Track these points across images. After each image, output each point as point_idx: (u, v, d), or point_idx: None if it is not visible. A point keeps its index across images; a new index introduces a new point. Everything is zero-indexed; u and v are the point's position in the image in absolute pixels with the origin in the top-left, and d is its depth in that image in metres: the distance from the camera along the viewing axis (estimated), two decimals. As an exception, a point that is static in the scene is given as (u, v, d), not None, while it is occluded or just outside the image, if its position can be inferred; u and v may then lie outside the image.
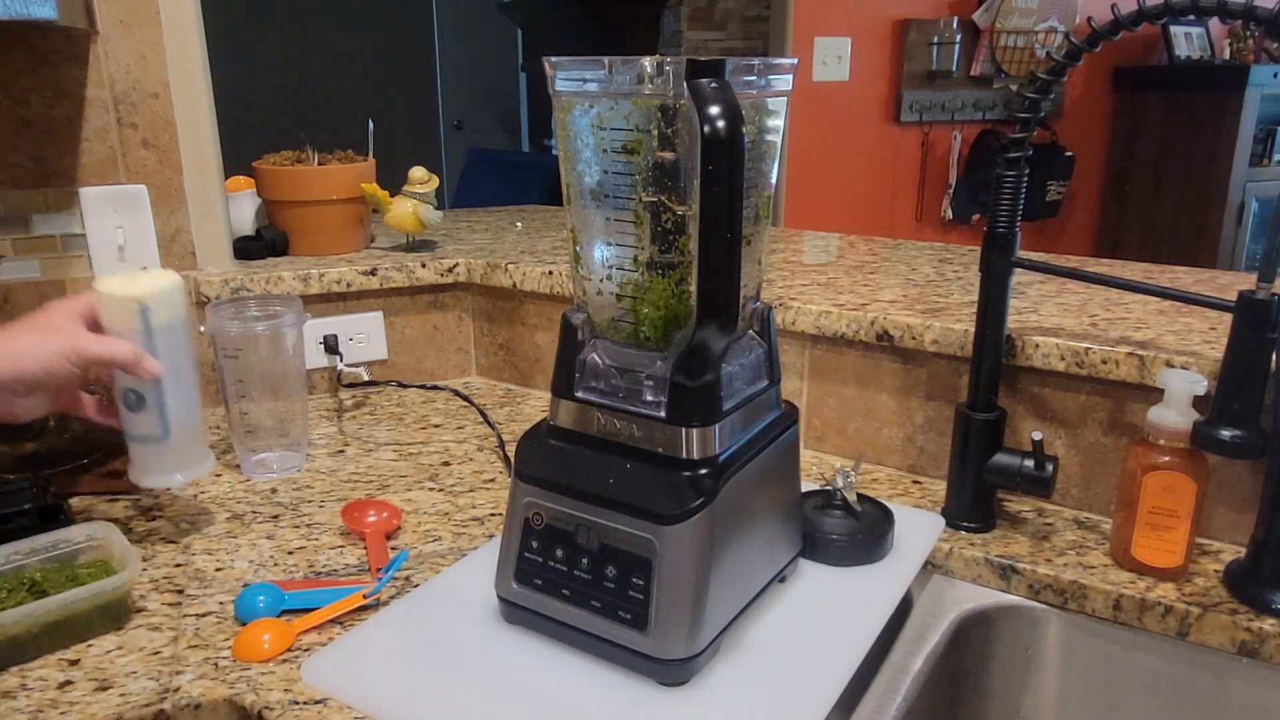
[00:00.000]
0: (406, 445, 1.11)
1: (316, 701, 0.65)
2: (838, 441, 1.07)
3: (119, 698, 0.65)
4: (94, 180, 1.11)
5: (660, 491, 0.63)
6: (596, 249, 0.67)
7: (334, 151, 1.36)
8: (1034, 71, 3.16)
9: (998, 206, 0.83)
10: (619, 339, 0.68)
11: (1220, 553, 0.85)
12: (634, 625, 0.64)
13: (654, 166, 0.62)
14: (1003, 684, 0.87)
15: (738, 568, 0.68)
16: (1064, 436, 0.93)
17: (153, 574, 0.82)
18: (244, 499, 0.97)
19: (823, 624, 0.72)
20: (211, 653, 0.71)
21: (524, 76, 5.02)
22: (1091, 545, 0.87)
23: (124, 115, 1.11)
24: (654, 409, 0.65)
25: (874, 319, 0.99)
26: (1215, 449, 0.74)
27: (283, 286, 1.21)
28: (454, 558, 0.85)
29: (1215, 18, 0.71)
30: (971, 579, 0.87)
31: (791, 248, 1.40)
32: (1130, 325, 0.95)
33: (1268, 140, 3.51)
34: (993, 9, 3.28)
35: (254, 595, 0.75)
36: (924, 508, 0.93)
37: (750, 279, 0.70)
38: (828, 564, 0.80)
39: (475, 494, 0.98)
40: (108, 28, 1.08)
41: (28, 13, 0.82)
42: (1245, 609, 0.77)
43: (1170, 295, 0.83)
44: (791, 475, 0.77)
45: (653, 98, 0.60)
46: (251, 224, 1.34)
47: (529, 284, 1.25)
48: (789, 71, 0.67)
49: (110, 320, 0.79)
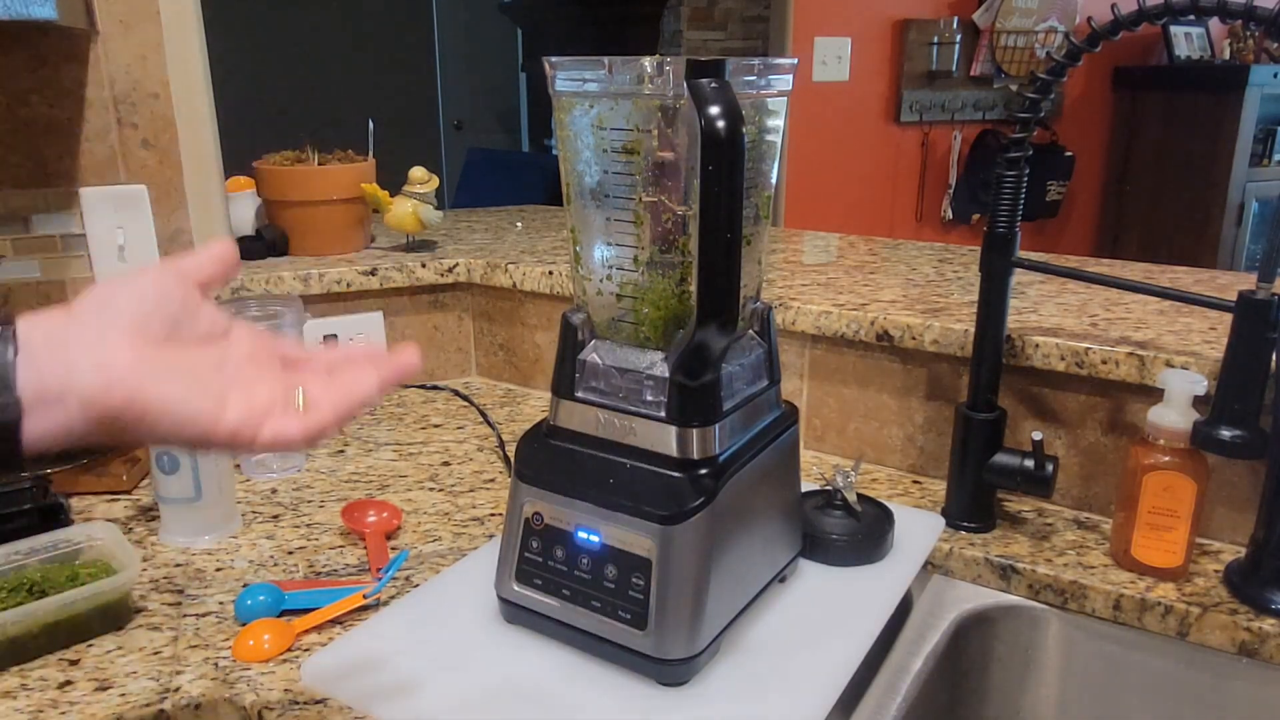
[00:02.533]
0: (406, 445, 1.11)
1: (316, 701, 0.65)
2: (838, 441, 1.07)
3: (119, 698, 0.65)
4: (94, 180, 1.11)
5: (660, 491, 0.63)
6: (596, 249, 0.67)
7: (334, 151, 1.36)
8: (1034, 71, 3.17)
9: (998, 206, 0.83)
10: (619, 339, 0.68)
11: (1220, 553, 0.85)
12: (634, 625, 0.64)
13: (654, 166, 0.62)
14: (1003, 684, 0.87)
15: (738, 568, 0.68)
16: (1064, 436, 0.93)
17: (153, 574, 0.82)
18: (244, 499, 0.97)
19: (823, 624, 0.72)
20: (211, 653, 0.71)
21: (524, 76, 5.02)
22: (1091, 545, 0.87)
23: (124, 115, 1.11)
24: (654, 409, 0.65)
25: (874, 319, 0.99)
26: (1215, 449, 0.74)
27: (283, 286, 1.21)
28: (454, 558, 0.85)
29: (1215, 18, 0.71)
30: (971, 579, 0.87)
31: (791, 248, 1.40)
32: (1130, 325, 0.95)
33: (1268, 140, 3.51)
34: (993, 9, 3.28)
35: (254, 595, 0.75)
36: (924, 508, 0.93)
37: (750, 279, 0.70)
38: (828, 564, 0.80)
39: (475, 494, 0.98)
40: (108, 28, 1.08)
41: (28, 13, 0.82)
42: (1245, 609, 0.77)
43: (1170, 295, 0.83)
44: (791, 475, 0.77)
45: (653, 98, 0.60)
46: (251, 224, 1.33)
47: (529, 284, 1.25)
48: (789, 71, 0.67)
49: None
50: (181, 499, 0.85)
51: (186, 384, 0.45)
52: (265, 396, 0.48)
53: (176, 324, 0.47)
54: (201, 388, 0.46)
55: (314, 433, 0.48)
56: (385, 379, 0.51)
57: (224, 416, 0.46)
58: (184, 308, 0.48)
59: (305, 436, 0.48)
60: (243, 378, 0.48)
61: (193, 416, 0.45)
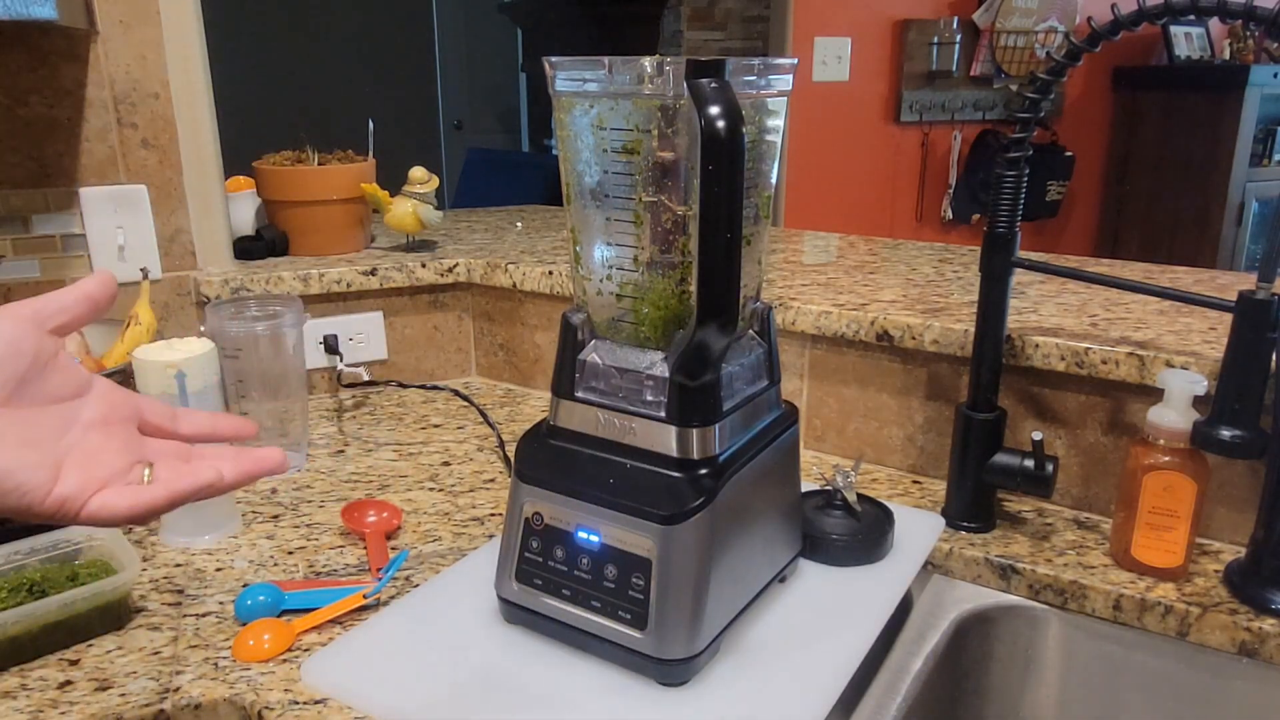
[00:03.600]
0: (406, 445, 1.11)
1: (316, 701, 0.65)
2: (838, 441, 1.07)
3: (119, 698, 0.65)
4: (94, 180, 1.11)
5: (660, 491, 0.63)
6: (596, 249, 0.67)
7: (334, 151, 1.36)
8: (1034, 71, 3.16)
9: (998, 206, 0.83)
10: (619, 339, 0.68)
11: (1220, 553, 0.85)
12: (634, 625, 0.64)
13: (654, 166, 0.62)
14: (1003, 684, 0.87)
15: (738, 568, 0.68)
16: (1064, 436, 0.93)
17: (153, 574, 0.82)
18: (244, 499, 0.97)
19: (823, 624, 0.72)
20: (211, 653, 0.71)
21: (524, 76, 5.02)
22: (1091, 545, 0.87)
23: (124, 115, 1.11)
24: (654, 409, 0.65)
25: (874, 319, 0.99)
26: (1215, 449, 0.74)
27: (283, 286, 1.21)
28: (454, 558, 0.85)
29: (1215, 18, 0.71)
30: (971, 579, 0.87)
31: (791, 248, 1.40)
32: (1130, 325, 0.95)
33: (1268, 140, 3.51)
34: (993, 9, 3.28)
35: (254, 595, 0.75)
36: (924, 508, 0.93)
37: (750, 279, 0.70)
38: (828, 564, 0.80)
39: (475, 494, 0.98)
40: (108, 28, 1.08)
41: (28, 13, 0.82)
42: (1245, 609, 0.77)
43: (1170, 295, 0.83)
44: (791, 475, 0.77)
45: (653, 98, 0.60)
46: (251, 224, 1.34)
47: (529, 284, 1.25)
48: (789, 71, 0.67)
49: (147, 386, 0.84)
50: None
51: (18, 453, 0.43)
52: (105, 469, 0.46)
53: (23, 383, 0.44)
54: (37, 457, 0.43)
55: (141, 512, 0.46)
56: (240, 475, 0.50)
57: (54, 489, 0.44)
58: (34, 364, 0.45)
59: (131, 514, 0.46)
60: (85, 446, 0.46)
61: (19, 486, 0.43)
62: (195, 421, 0.53)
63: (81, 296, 0.48)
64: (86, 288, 0.48)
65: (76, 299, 0.47)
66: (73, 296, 0.47)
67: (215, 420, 0.54)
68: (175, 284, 1.18)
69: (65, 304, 0.47)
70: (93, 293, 0.48)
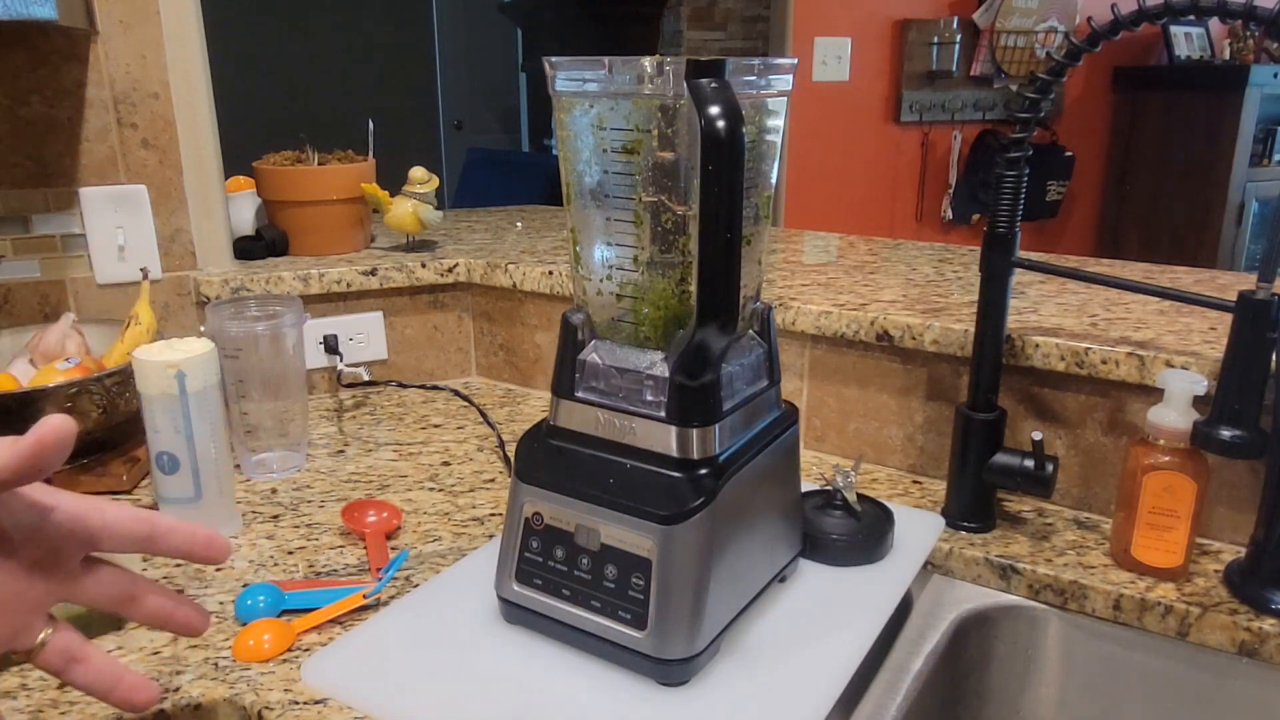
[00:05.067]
0: (406, 445, 1.11)
1: (316, 701, 0.65)
2: (838, 441, 1.07)
3: (119, 698, 0.65)
4: (94, 180, 1.11)
5: (660, 491, 0.63)
6: (596, 249, 0.67)
7: (334, 151, 1.36)
8: (1034, 71, 3.17)
9: (998, 206, 0.83)
10: (619, 339, 0.68)
11: (1220, 553, 0.85)
12: (634, 625, 0.64)
13: (654, 166, 0.62)
14: (1003, 684, 0.87)
15: (738, 568, 0.68)
16: (1064, 436, 0.93)
17: (153, 574, 0.82)
18: (244, 499, 0.97)
19: (823, 624, 0.72)
20: (211, 653, 0.71)
21: (524, 76, 5.02)
22: (1091, 545, 0.87)
23: (124, 115, 1.11)
24: (654, 409, 0.65)
25: (874, 319, 0.99)
26: (1215, 449, 0.74)
27: (283, 286, 1.21)
28: (454, 558, 0.85)
29: (1215, 18, 0.71)
30: (971, 579, 0.87)
31: (791, 248, 1.40)
32: (1130, 325, 0.95)
33: (1268, 140, 3.52)
34: (993, 9, 3.28)
35: (254, 595, 0.75)
36: (924, 508, 0.93)
37: (750, 279, 0.70)
38: (828, 564, 0.80)
39: (475, 494, 0.98)
40: (108, 28, 1.08)
41: (28, 13, 0.82)
42: (1245, 609, 0.77)
43: (1170, 295, 0.83)
44: (791, 475, 0.77)
45: (653, 98, 0.60)
46: (251, 224, 1.34)
47: (529, 284, 1.25)
48: (789, 71, 0.67)
49: (147, 386, 0.83)
50: (181, 499, 0.86)
51: None
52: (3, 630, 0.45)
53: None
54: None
55: None
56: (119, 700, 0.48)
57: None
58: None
59: None
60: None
61: None
62: (172, 543, 0.51)
63: (27, 449, 0.41)
64: (44, 433, 0.41)
65: (18, 452, 0.41)
66: (15, 450, 0.41)
67: (192, 537, 0.52)
68: (175, 284, 1.19)
69: (7, 459, 0.41)
70: (41, 445, 0.41)
